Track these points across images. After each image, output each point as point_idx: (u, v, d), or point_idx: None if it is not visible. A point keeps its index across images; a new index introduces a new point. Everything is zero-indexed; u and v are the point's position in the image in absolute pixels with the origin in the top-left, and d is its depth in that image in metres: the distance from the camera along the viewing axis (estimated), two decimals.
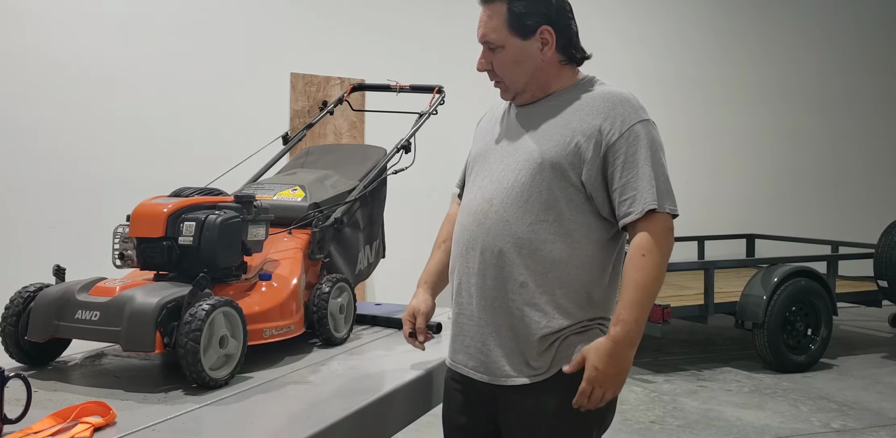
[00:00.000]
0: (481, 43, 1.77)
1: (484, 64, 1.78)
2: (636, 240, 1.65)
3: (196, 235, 1.84)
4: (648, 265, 1.62)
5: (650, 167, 1.65)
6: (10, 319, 1.81)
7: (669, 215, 1.67)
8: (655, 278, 1.64)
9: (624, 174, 1.65)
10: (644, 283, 1.62)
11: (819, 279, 5.57)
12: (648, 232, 1.63)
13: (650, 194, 1.64)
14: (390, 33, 6.22)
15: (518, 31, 1.72)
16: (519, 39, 1.72)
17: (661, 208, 1.64)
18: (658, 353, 6.00)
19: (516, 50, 1.73)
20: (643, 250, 1.63)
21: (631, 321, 1.61)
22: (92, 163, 5.21)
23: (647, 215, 1.64)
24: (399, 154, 2.56)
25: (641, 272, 1.62)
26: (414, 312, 1.94)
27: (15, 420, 1.42)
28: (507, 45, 1.73)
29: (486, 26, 1.74)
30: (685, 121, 7.32)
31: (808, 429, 4.24)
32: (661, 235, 1.64)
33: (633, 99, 1.73)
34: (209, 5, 5.66)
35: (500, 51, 1.74)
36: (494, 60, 1.76)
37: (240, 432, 1.51)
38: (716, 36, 7.74)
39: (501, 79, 1.78)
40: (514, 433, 1.74)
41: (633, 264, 1.64)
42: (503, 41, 1.73)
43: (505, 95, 1.83)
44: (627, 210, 1.65)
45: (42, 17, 5.14)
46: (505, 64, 1.75)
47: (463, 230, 1.78)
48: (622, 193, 1.66)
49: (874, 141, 8.44)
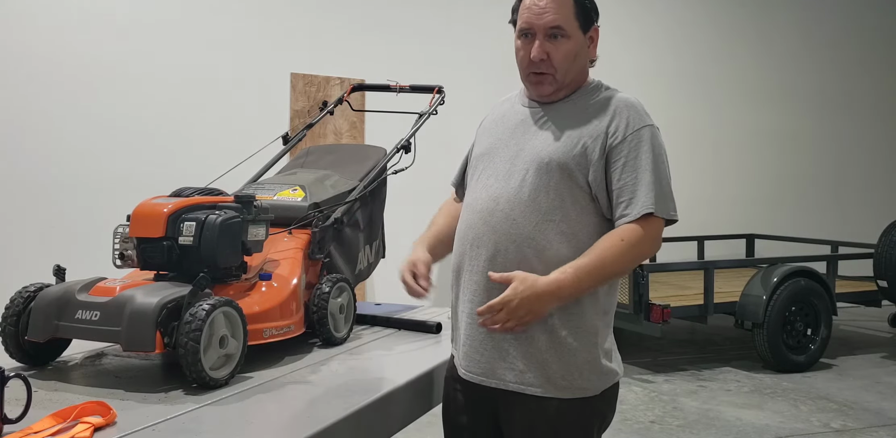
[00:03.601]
0: (543, 29, 1.69)
1: (542, 53, 1.70)
2: (624, 227, 1.65)
3: (196, 235, 1.84)
4: (622, 250, 1.62)
5: (651, 171, 1.66)
6: (10, 319, 1.81)
7: (663, 221, 1.67)
8: (619, 262, 1.63)
9: (623, 176, 1.66)
10: (606, 259, 1.61)
11: (819, 279, 5.58)
12: (638, 228, 1.64)
13: (648, 197, 1.64)
14: (390, 33, 6.23)
15: (584, 24, 1.71)
16: (582, 33, 1.72)
17: (658, 212, 1.65)
18: (658, 353, 6.00)
19: (579, 43, 1.72)
20: (623, 237, 1.63)
21: (572, 279, 1.60)
22: (92, 163, 5.22)
23: (642, 217, 1.64)
24: (399, 154, 2.56)
25: (611, 251, 1.62)
26: (414, 260, 1.89)
27: (15, 420, 1.42)
28: (573, 37, 1.70)
29: (556, 13, 1.68)
30: (685, 121, 7.32)
31: (808, 429, 4.24)
32: (647, 236, 1.64)
33: (640, 105, 1.74)
34: (209, 5, 5.66)
35: (564, 41, 1.70)
36: (554, 51, 1.70)
37: (240, 432, 1.51)
38: (716, 36, 7.74)
39: (553, 71, 1.72)
40: (514, 432, 1.74)
41: (610, 241, 1.63)
42: (572, 31, 1.70)
43: (546, 88, 1.75)
44: (623, 212, 1.66)
45: (42, 17, 5.14)
46: (566, 55, 1.70)
47: (468, 228, 1.78)
48: (619, 194, 1.66)
49: (874, 141, 8.44)
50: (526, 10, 1.71)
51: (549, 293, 1.60)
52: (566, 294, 1.61)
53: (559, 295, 1.60)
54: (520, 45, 1.75)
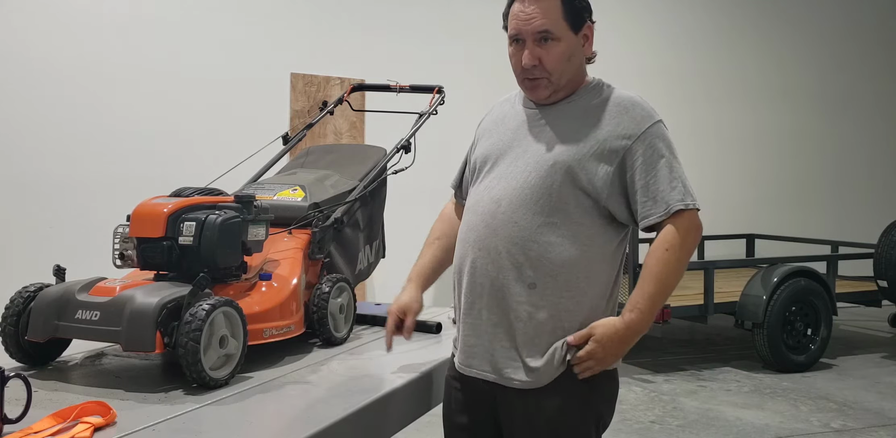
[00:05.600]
0: (531, 35, 1.67)
1: (533, 59, 1.68)
2: (661, 235, 1.66)
3: (196, 235, 1.84)
4: (670, 260, 1.64)
5: (668, 168, 1.66)
6: (10, 319, 1.81)
7: (695, 211, 1.68)
8: (675, 272, 1.66)
9: (643, 176, 1.65)
10: (663, 277, 1.64)
11: (819, 279, 5.57)
12: (675, 228, 1.65)
13: (673, 194, 1.65)
14: (390, 33, 6.23)
15: (574, 24, 1.69)
16: (573, 34, 1.69)
17: (686, 205, 1.66)
18: (658, 353, 6.00)
19: (571, 44, 1.69)
20: (667, 245, 1.65)
21: (646, 310, 1.64)
22: (92, 163, 5.22)
23: (674, 215, 1.65)
24: (399, 154, 2.56)
25: (662, 266, 1.64)
26: (405, 309, 1.91)
27: (15, 420, 1.42)
28: (564, 39, 1.68)
29: (543, 18, 1.66)
30: (685, 121, 7.31)
31: (808, 429, 4.24)
32: (686, 231, 1.66)
33: (644, 102, 1.73)
34: (209, 5, 5.66)
35: (554, 44, 1.68)
36: (545, 55, 1.68)
37: (240, 432, 1.51)
38: (716, 35, 7.74)
39: (547, 75, 1.70)
40: (514, 432, 1.74)
41: (656, 256, 1.65)
42: (562, 33, 1.68)
43: (542, 92, 1.73)
44: (649, 212, 1.66)
45: (42, 17, 5.14)
46: (558, 58, 1.68)
47: (470, 230, 1.77)
48: (643, 194, 1.66)
49: (874, 141, 8.44)
50: (514, 17, 1.70)
51: (632, 332, 1.65)
52: (645, 325, 1.65)
53: (640, 329, 1.66)
54: (512, 51, 1.74)
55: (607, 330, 1.65)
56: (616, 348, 1.65)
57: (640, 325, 1.64)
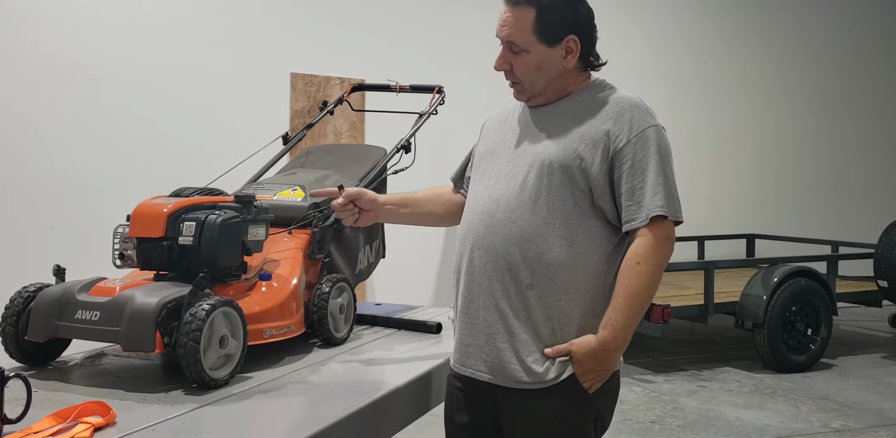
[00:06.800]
0: (503, 42, 1.73)
1: (502, 64, 1.74)
2: (633, 247, 1.65)
3: (196, 235, 1.84)
4: (642, 274, 1.63)
5: (657, 173, 1.64)
6: (10, 319, 1.81)
7: (672, 223, 1.67)
8: (648, 286, 1.64)
9: (629, 179, 1.65)
10: (635, 291, 1.63)
11: (819, 279, 5.58)
12: (647, 239, 1.63)
13: (655, 200, 1.63)
14: (390, 33, 6.23)
15: (546, 38, 1.69)
16: (545, 46, 1.70)
17: (665, 213, 1.64)
18: (658, 353, 6.00)
19: (540, 56, 1.70)
20: (638, 258, 1.63)
21: (619, 326, 1.63)
22: (92, 163, 5.21)
23: (651, 222, 1.63)
24: (399, 154, 2.56)
25: (633, 280, 1.63)
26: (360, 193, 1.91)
27: (15, 420, 1.42)
28: (532, 51, 1.70)
29: (512, 28, 1.69)
30: (686, 121, 7.31)
31: (808, 429, 4.24)
32: (659, 242, 1.64)
33: (643, 104, 1.72)
34: (210, 5, 5.66)
35: (524, 55, 1.71)
36: (515, 63, 1.73)
37: (240, 432, 1.51)
38: (717, 36, 7.74)
39: (519, 81, 1.75)
40: (514, 432, 1.74)
41: (627, 270, 1.64)
42: (529, 46, 1.70)
43: (520, 96, 1.80)
44: (632, 216, 1.65)
45: (42, 17, 5.14)
46: (526, 68, 1.72)
47: (469, 229, 1.78)
48: (627, 198, 1.65)
49: (874, 141, 8.44)
50: (498, 20, 1.74)
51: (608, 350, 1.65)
52: (621, 341, 1.64)
53: (617, 345, 1.65)
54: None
55: (583, 349, 1.65)
56: (597, 365, 1.65)
57: (614, 342, 1.63)
